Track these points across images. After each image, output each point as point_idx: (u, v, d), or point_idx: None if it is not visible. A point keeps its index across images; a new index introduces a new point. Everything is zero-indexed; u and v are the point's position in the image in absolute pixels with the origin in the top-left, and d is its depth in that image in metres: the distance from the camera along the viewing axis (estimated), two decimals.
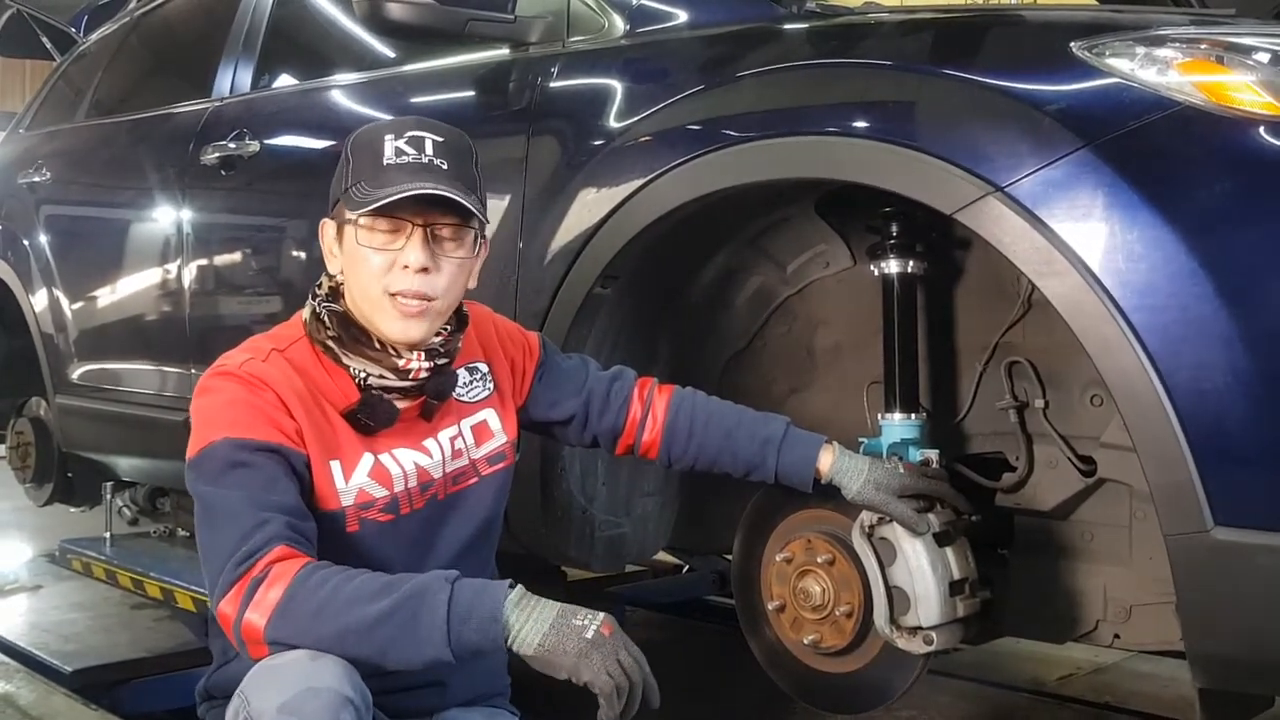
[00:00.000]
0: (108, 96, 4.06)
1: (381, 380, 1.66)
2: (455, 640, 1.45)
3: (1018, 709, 3.21)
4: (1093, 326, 1.57)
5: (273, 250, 3.04)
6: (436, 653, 1.46)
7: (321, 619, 1.47)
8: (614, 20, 2.29)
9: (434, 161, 1.62)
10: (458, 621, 1.45)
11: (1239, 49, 1.62)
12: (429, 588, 1.48)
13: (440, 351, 1.69)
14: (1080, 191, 1.59)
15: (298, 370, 1.66)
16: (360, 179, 1.62)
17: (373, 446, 1.69)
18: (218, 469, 1.57)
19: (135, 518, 4.08)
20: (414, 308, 1.62)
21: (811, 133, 1.86)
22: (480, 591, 1.48)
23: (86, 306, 3.65)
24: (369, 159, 1.63)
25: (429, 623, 1.45)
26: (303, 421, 1.62)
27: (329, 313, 1.68)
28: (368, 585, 1.49)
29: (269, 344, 1.69)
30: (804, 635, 2.02)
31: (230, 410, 1.60)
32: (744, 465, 1.90)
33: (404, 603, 1.47)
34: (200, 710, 1.82)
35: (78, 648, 3.03)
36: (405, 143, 1.62)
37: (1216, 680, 1.60)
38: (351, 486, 1.66)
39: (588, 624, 1.48)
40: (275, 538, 1.52)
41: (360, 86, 2.85)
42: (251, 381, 1.62)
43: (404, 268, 1.61)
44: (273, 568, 1.50)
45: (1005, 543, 2.10)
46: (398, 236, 1.62)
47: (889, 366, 2.05)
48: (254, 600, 1.49)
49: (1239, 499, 1.50)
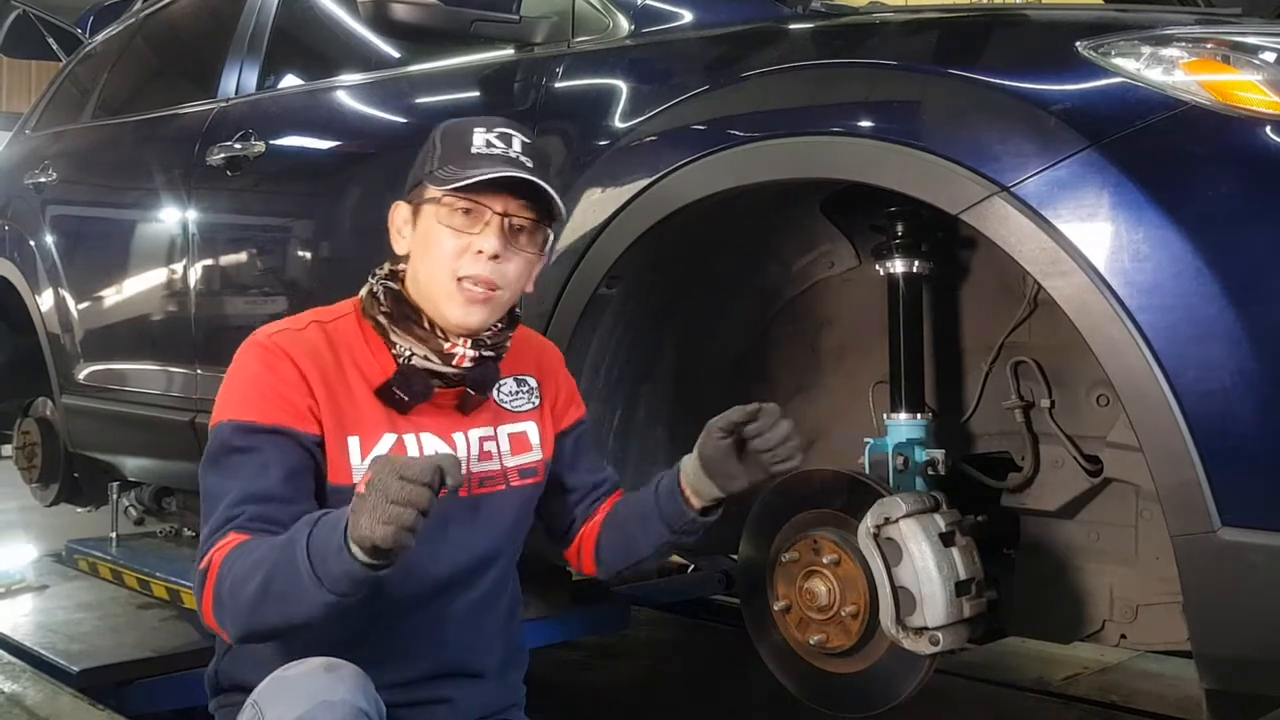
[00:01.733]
0: (113, 97, 4.07)
1: (425, 363, 1.67)
2: (326, 580, 1.40)
3: (1023, 709, 3.21)
4: (1099, 326, 1.57)
5: (278, 251, 3.05)
6: (319, 596, 1.41)
7: (235, 595, 1.47)
8: (619, 20, 2.29)
9: (520, 157, 1.64)
10: (318, 560, 1.40)
11: (1245, 48, 1.61)
12: (294, 537, 1.44)
13: (487, 344, 1.70)
14: (1086, 191, 1.59)
15: (334, 343, 1.68)
16: (448, 163, 1.64)
17: (398, 427, 1.68)
18: (217, 451, 1.61)
19: (141, 518, 4.09)
20: (479, 294, 1.64)
21: (817, 133, 1.86)
22: (333, 524, 1.41)
23: (92, 307, 3.66)
24: (457, 146, 1.65)
25: (299, 570, 1.41)
26: (320, 396, 1.63)
27: (385, 290, 1.70)
28: (260, 551, 1.47)
29: (312, 316, 1.72)
30: (810, 635, 2.02)
31: (243, 386, 1.63)
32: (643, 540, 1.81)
33: (280, 556, 1.44)
34: (211, 706, 1.82)
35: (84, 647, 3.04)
36: (495, 136, 1.65)
37: (1223, 680, 1.59)
38: (367, 464, 1.64)
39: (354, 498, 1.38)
40: (232, 528, 1.53)
41: (365, 87, 2.85)
42: (274, 351, 1.64)
43: (478, 253, 1.63)
44: (214, 557, 1.52)
45: (1011, 543, 2.09)
46: (476, 222, 1.64)
47: (894, 366, 2.05)
48: (204, 593, 1.52)
49: (1246, 499, 1.49)
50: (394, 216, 1.74)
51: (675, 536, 1.77)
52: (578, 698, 1.65)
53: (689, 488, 1.72)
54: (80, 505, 4.26)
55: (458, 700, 1.75)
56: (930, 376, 2.12)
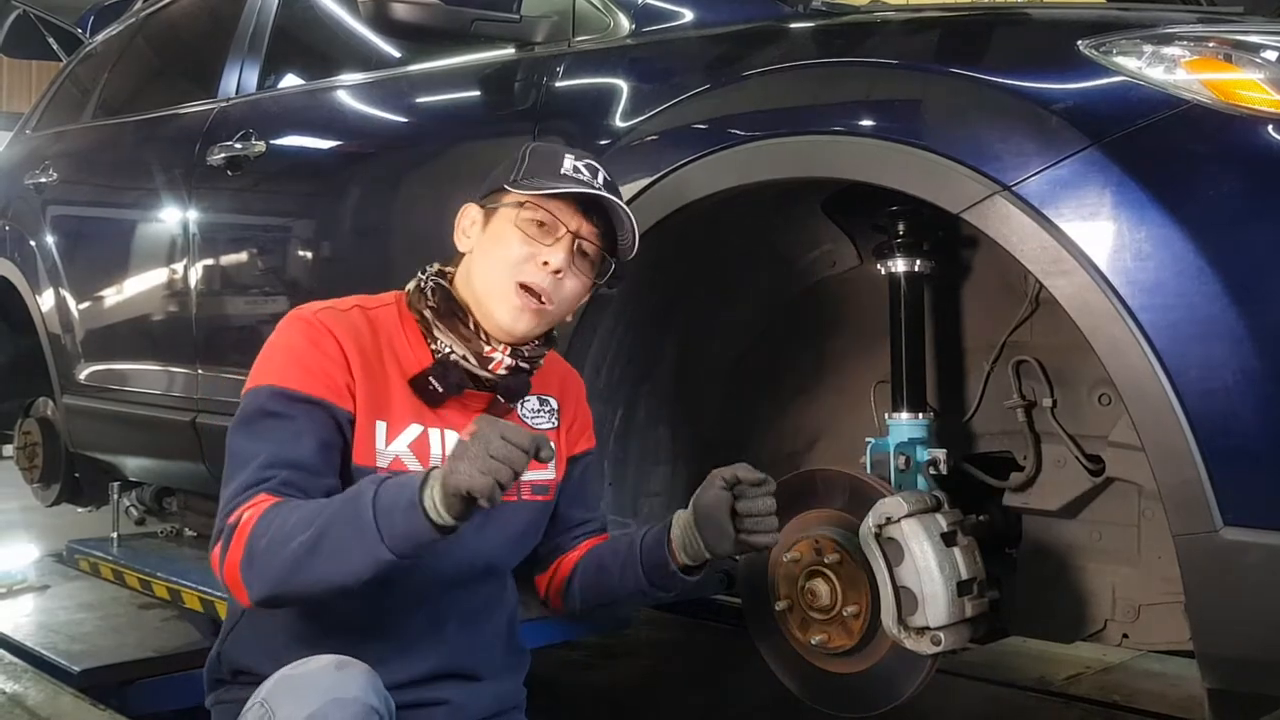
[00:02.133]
0: (114, 97, 4.07)
1: (463, 362, 1.69)
2: (389, 537, 1.43)
3: (1025, 708, 3.21)
4: (1101, 326, 1.57)
5: (279, 250, 3.05)
6: (378, 555, 1.44)
7: (276, 551, 1.47)
8: (619, 20, 2.29)
9: (602, 190, 1.69)
10: (384, 518, 1.44)
11: (1247, 47, 1.61)
12: (357, 494, 1.48)
13: (525, 355, 1.72)
14: (1088, 190, 1.58)
15: (375, 329, 1.70)
16: (536, 174, 1.68)
17: (425, 419, 1.70)
18: (252, 413, 1.62)
19: (142, 518, 4.08)
20: (533, 303, 1.67)
21: (818, 132, 1.86)
22: (400, 486, 1.46)
23: (93, 307, 3.66)
24: (547, 163, 1.70)
25: (361, 525, 1.44)
26: (358, 375, 1.65)
27: (435, 286, 1.72)
28: (309, 510, 1.50)
29: (356, 300, 1.74)
30: (812, 635, 2.02)
31: (284, 356, 1.65)
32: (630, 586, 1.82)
33: (339, 513, 1.47)
34: (208, 701, 1.81)
35: (85, 648, 3.03)
36: (584, 165, 1.71)
37: (1226, 680, 1.59)
38: (390, 451, 1.67)
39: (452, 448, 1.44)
40: (264, 489, 1.55)
41: (366, 87, 2.85)
42: (318, 327, 1.66)
43: (543, 263, 1.66)
44: (245, 514, 1.52)
45: (1013, 542, 2.09)
46: (549, 235, 1.67)
47: (896, 366, 2.05)
48: (230, 548, 1.52)
49: (1248, 498, 1.49)
50: (462, 216, 1.77)
51: (652, 589, 1.80)
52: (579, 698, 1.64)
53: (676, 542, 1.74)
54: (81, 505, 4.26)
55: (455, 702, 1.75)
56: (932, 376, 2.12)
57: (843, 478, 2.03)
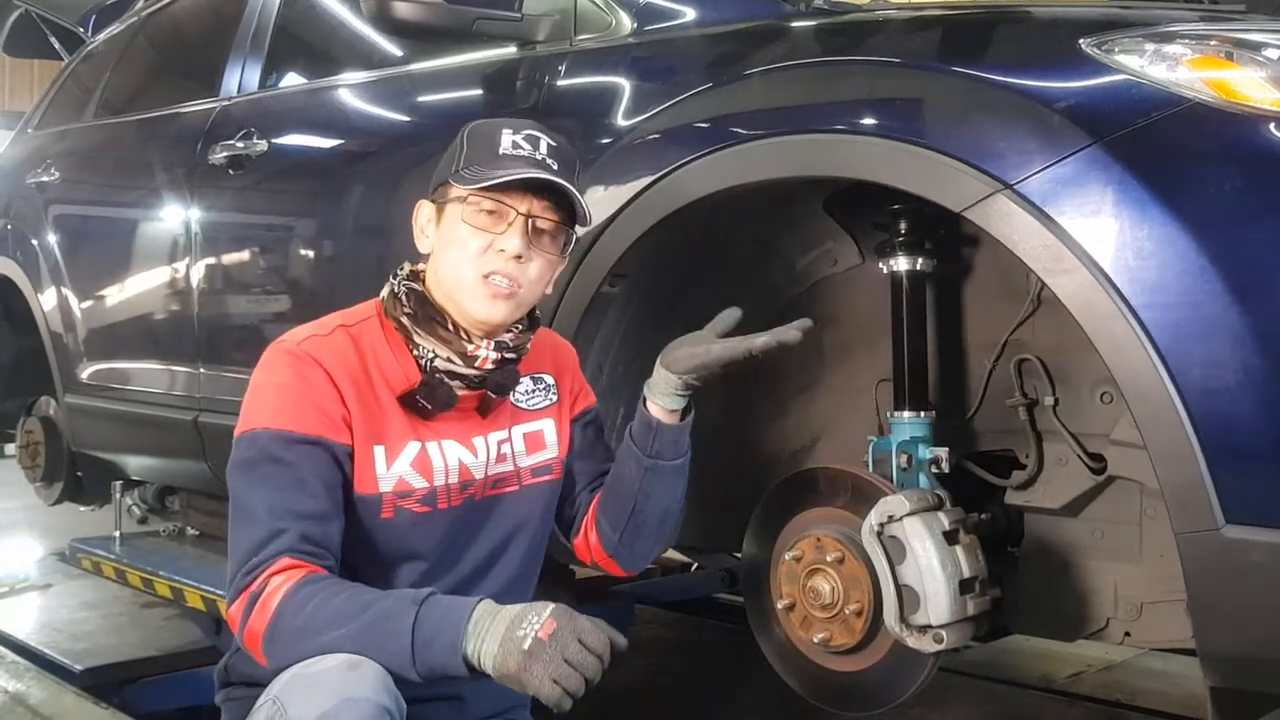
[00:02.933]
0: (116, 96, 4.07)
1: (448, 364, 1.68)
2: (420, 665, 1.46)
3: (1028, 706, 3.21)
4: (1103, 324, 1.57)
5: (281, 249, 3.05)
6: (404, 672, 1.46)
7: (304, 639, 1.49)
8: (621, 18, 2.29)
9: (547, 160, 1.66)
10: (421, 648, 1.45)
11: (1248, 45, 1.61)
12: (397, 611, 1.48)
13: (509, 346, 1.71)
14: (1090, 188, 1.58)
15: (360, 349, 1.68)
16: (474, 162, 1.65)
17: (421, 434, 1.70)
18: (253, 458, 1.60)
19: (145, 516, 4.09)
20: (504, 289, 1.65)
21: (819, 130, 1.86)
22: (445, 617, 1.47)
23: (95, 306, 3.66)
24: (484, 146, 1.66)
25: (395, 648, 1.46)
26: (352, 404, 1.64)
27: (408, 290, 1.70)
28: (346, 606, 1.50)
29: (338, 320, 1.72)
30: (814, 634, 2.02)
31: (278, 395, 1.63)
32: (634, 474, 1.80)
33: (375, 624, 1.48)
34: (218, 698, 1.82)
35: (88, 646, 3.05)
36: (522, 138, 1.66)
37: (1228, 678, 1.59)
38: (392, 473, 1.66)
39: (526, 633, 1.42)
40: (284, 550, 1.54)
41: (368, 85, 2.85)
42: (305, 361, 1.64)
43: (500, 252, 1.64)
44: (270, 581, 1.52)
45: (1015, 541, 2.09)
46: (500, 221, 1.65)
47: (898, 364, 2.05)
48: (253, 614, 1.52)
49: (1250, 497, 1.49)
50: (417, 215, 1.75)
51: (651, 460, 1.76)
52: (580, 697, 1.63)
53: (651, 401, 1.75)
54: (84, 504, 4.26)
55: (469, 698, 1.75)
56: (934, 374, 2.12)
57: (845, 476, 2.03)
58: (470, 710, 1.77)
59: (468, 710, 1.77)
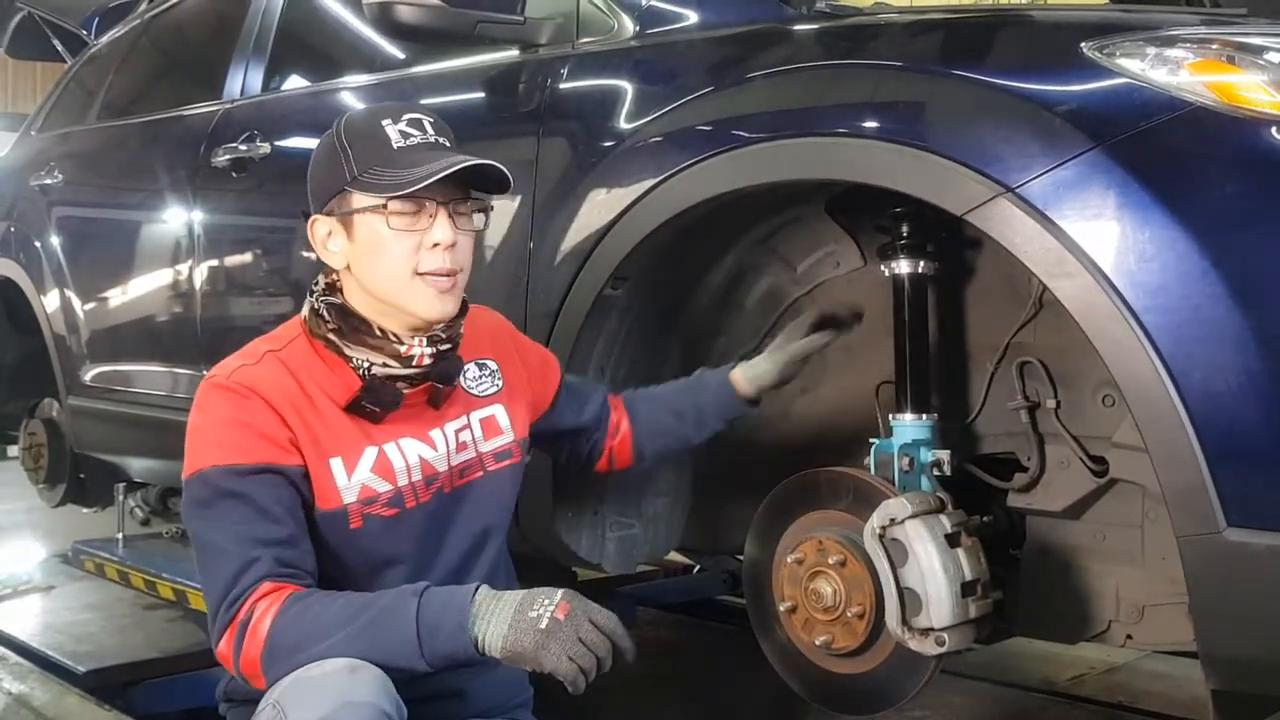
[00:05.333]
0: (119, 99, 4.07)
1: (385, 369, 1.66)
2: (429, 653, 1.47)
3: (1030, 709, 3.20)
4: (1104, 327, 1.57)
5: (283, 251, 3.05)
6: (414, 666, 1.48)
7: (303, 652, 1.49)
8: (623, 21, 2.29)
9: (439, 140, 1.64)
10: (427, 635, 1.47)
11: (1250, 49, 1.61)
12: (398, 605, 1.50)
13: (442, 337, 1.69)
14: (1091, 192, 1.58)
15: (293, 370, 1.66)
16: (371, 165, 1.61)
17: (376, 438, 1.68)
18: (208, 497, 1.58)
19: (147, 518, 4.10)
20: (445, 283, 1.64)
21: (822, 133, 1.86)
22: (447, 603, 1.49)
23: (98, 308, 3.67)
24: (373, 145, 1.63)
25: (400, 639, 1.47)
26: (296, 426, 1.62)
27: (327, 306, 1.68)
28: (344, 610, 1.51)
29: (265, 346, 1.70)
30: (815, 636, 2.01)
31: (220, 431, 1.61)
32: (694, 432, 2.07)
33: (376, 621, 1.49)
34: (222, 709, 1.82)
35: (91, 648, 3.05)
36: (406, 125, 1.64)
37: (1230, 681, 1.59)
38: (354, 483, 1.65)
39: (542, 613, 1.46)
40: (262, 576, 1.54)
41: (370, 88, 2.85)
42: (240, 392, 1.62)
43: (433, 246, 1.63)
44: (257, 606, 1.52)
45: (1017, 543, 2.09)
46: (420, 217, 1.63)
47: (900, 367, 2.05)
48: (245, 643, 1.52)
49: (1251, 499, 1.49)
50: (314, 232, 1.70)
51: (724, 426, 2.08)
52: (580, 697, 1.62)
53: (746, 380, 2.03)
54: (86, 506, 4.27)
55: (469, 692, 1.76)
56: (936, 377, 2.11)
57: (847, 479, 2.03)
58: (471, 708, 1.77)
59: (469, 708, 1.77)
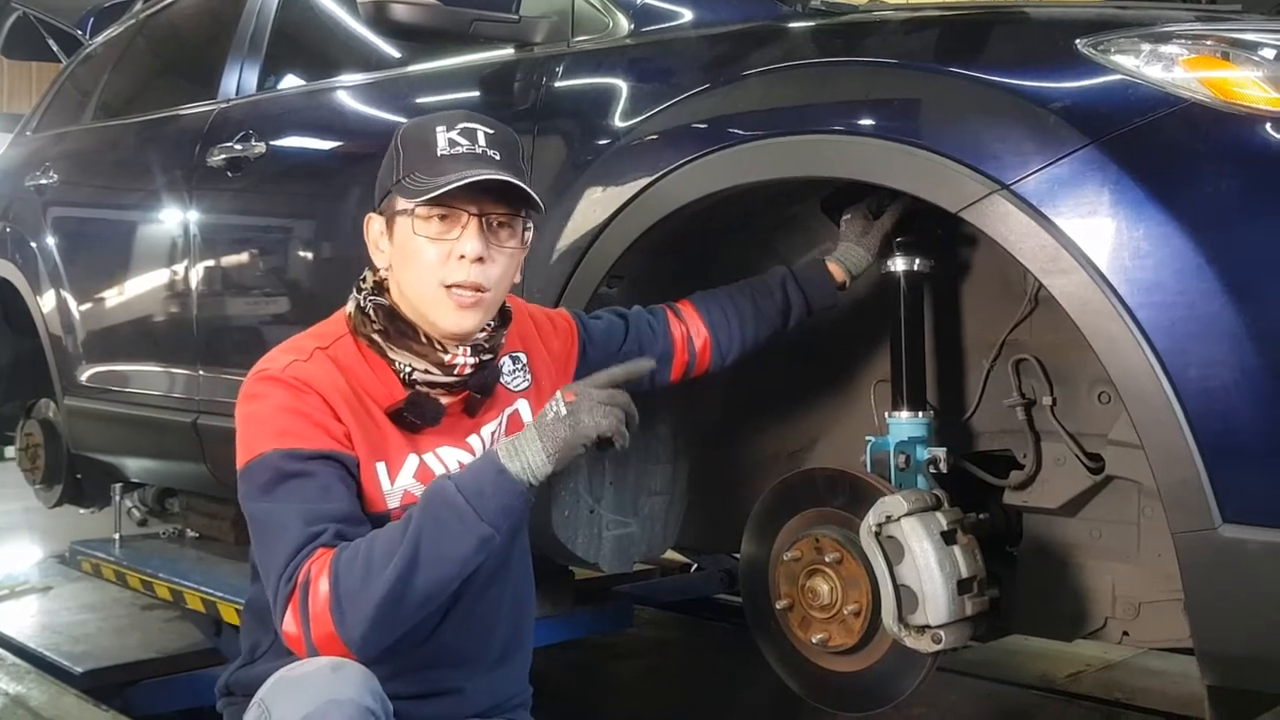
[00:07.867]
0: (114, 99, 4.07)
1: (427, 375, 1.66)
2: (487, 515, 1.51)
3: (1027, 706, 3.21)
4: (1100, 324, 1.57)
5: (279, 251, 3.05)
6: (480, 534, 1.51)
7: (371, 583, 1.48)
8: (619, 20, 2.29)
9: (487, 152, 1.62)
10: (477, 500, 1.51)
11: (1244, 45, 1.61)
12: (435, 497, 1.54)
13: (485, 347, 1.69)
14: (1086, 189, 1.58)
15: (342, 369, 1.66)
16: (414, 169, 1.61)
17: (417, 446, 1.68)
18: (270, 480, 1.57)
19: (144, 519, 4.10)
20: (469, 299, 1.63)
21: (817, 131, 1.86)
22: (477, 469, 1.56)
23: (94, 308, 3.66)
24: (421, 150, 1.63)
25: (456, 519, 1.50)
26: (350, 423, 1.62)
27: (375, 306, 1.68)
28: (390, 536, 1.52)
29: (313, 343, 1.68)
30: (812, 634, 2.02)
31: (278, 418, 1.60)
32: (780, 319, 2.09)
33: (423, 525, 1.51)
34: (219, 705, 1.82)
35: (88, 649, 3.05)
36: (458, 134, 1.63)
37: (1225, 677, 1.60)
38: (397, 488, 1.66)
39: (556, 409, 1.56)
40: (320, 545, 1.53)
41: (366, 87, 2.85)
42: (297, 385, 1.61)
43: (460, 258, 1.61)
44: (311, 570, 1.51)
45: (1013, 541, 2.10)
46: (453, 226, 1.62)
47: (896, 364, 2.05)
48: (310, 605, 1.50)
49: (1247, 496, 1.49)
50: (368, 230, 1.72)
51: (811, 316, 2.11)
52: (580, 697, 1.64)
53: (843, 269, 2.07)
54: (83, 507, 4.27)
55: (468, 691, 1.75)
56: (932, 374, 2.12)
57: (843, 476, 2.03)
58: (470, 708, 1.77)
59: (468, 708, 1.76)
